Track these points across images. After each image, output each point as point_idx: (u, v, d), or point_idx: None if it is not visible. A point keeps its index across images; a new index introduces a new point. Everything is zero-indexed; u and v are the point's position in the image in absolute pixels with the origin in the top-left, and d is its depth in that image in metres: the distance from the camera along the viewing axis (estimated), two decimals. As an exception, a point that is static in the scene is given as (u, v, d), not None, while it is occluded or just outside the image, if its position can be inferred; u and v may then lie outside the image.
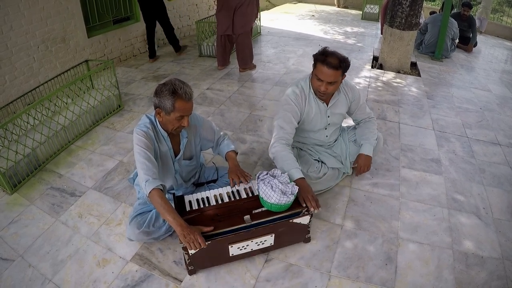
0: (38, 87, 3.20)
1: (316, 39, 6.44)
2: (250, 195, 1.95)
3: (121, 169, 2.69)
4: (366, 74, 4.72)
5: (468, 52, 6.14)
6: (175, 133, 1.91)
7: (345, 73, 2.13)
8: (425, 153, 2.95)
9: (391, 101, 3.93)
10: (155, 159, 1.86)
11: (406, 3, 4.51)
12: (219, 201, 1.92)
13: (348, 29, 7.39)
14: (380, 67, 5.04)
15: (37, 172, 2.67)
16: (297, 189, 1.80)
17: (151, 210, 1.99)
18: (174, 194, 1.98)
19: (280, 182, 1.79)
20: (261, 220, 1.77)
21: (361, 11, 8.60)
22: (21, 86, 3.67)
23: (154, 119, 1.91)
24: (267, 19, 7.82)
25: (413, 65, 5.22)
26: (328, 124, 2.39)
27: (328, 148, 2.52)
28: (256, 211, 1.81)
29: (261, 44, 6.07)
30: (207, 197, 1.95)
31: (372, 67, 5.07)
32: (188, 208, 1.85)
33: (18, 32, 3.56)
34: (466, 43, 6.16)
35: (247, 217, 1.77)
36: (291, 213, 1.82)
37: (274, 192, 1.73)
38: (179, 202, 1.89)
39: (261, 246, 1.86)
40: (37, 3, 3.70)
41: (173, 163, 2.01)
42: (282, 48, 5.80)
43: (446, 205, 2.38)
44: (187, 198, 1.93)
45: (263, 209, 1.82)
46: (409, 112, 3.68)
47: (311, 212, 1.82)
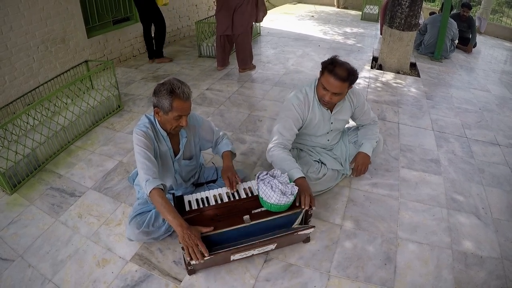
0: (38, 88, 3.21)
1: (316, 40, 6.45)
2: (250, 195, 1.96)
3: (121, 170, 2.70)
4: (366, 75, 4.72)
5: (468, 53, 6.15)
6: (174, 133, 1.91)
7: (352, 85, 2.10)
8: (425, 154, 2.96)
9: (391, 102, 3.93)
10: (155, 159, 1.86)
11: (406, 4, 4.51)
12: (219, 201, 1.92)
13: (348, 30, 7.40)
14: (380, 68, 5.05)
15: (37, 173, 2.68)
16: (297, 189, 1.80)
17: (151, 210, 1.99)
18: (174, 194, 1.98)
19: (280, 182, 1.79)
20: (261, 220, 1.77)
21: (361, 12, 8.61)
22: (21, 87, 3.68)
23: (154, 119, 1.91)
24: (267, 20, 7.80)
25: (413, 66, 5.22)
26: (331, 130, 2.39)
27: (329, 150, 2.53)
28: (256, 211, 1.81)
29: (261, 45, 6.08)
30: (207, 197, 1.95)
31: (372, 68, 5.08)
32: (188, 208, 1.85)
33: (18, 33, 3.56)
34: (466, 44, 6.18)
35: (247, 217, 1.77)
36: (292, 213, 1.82)
37: (274, 192, 1.74)
38: (179, 202, 1.89)
39: (262, 251, 1.87)
40: (37, 4, 3.71)
41: (173, 163, 2.02)
42: (282, 49, 5.81)
43: (445, 205, 2.39)
44: (187, 198, 1.93)
45: (263, 209, 1.82)
46: (409, 113, 3.69)
47: (304, 209, 1.82)
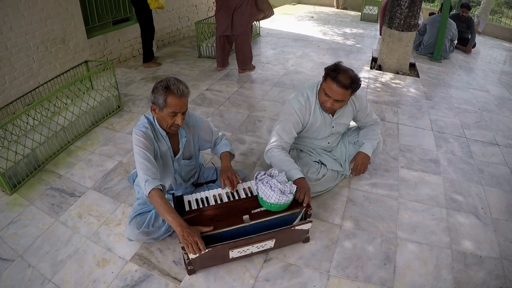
0: (38, 88, 3.21)
1: (315, 40, 6.46)
2: (249, 195, 1.96)
3: (121, 170, 2.70)
4: (365, 75, 4.73)
5: (467, 53, 6.16)
6: (171, 132, 1.90)
7: (355, 92, 2.10)
8: (424, 154, 2.96)
9: (390, 102, 3.94)
10: (155, 159, 1.87)
11: (405, 4, 4.52)
12: (218, 201, 1.92)
13: (347, 30, 7.41)
14: (379, 68, 5.05)
15: (37, 173, 2.68)
16: (295, 188, 1.81)
17: (151, 210, 1.99)
18: (174, 194, 1.99)
19: (279, 182, 1.80)
20: (260, 220, 1.78)
21: (360, 12, 8.63)
22: (21, 87, 3.68)
23: (153, 119, 1.92)
24: (267, 20, 7.80)
25: (412, 66, 5.23)
26: (332, 133, 2.40)
27: (329, 151, 2.53)
28: (255, 211, 1.82)
29: (260, 45, 6.08)
30: (206, 197, 1.96)
31: (371, 68, 5.09)
32: (188, 208, 1.86)
33: (18, 33, 3.57)
34: (465, 44, 6.19)
35: (246, 217, 1.78)
36: (291, 213, 1.83)
37: (273, 192, 1.74)
38: (179, 202, 1.89)
39: (261, 249, 1.86)
40: (37, 4, 3.71)
41: (172, 163, 2.02)
42: (281, 49, 5.82)
43: (445, 205, 2.39)
44: (186, 198, 1.93)
45: (262, 209, 1.83)
46: (408, 113, 3.69)
47: (303, 209, 1.83)
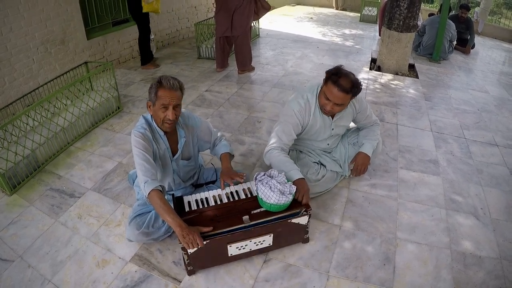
0: (38, 89, 3.21)
1: (315, 41, 6.47)
2: (249, 196, 1.96)
3: (120, 171, 2.70)
4: (364, 76, 4.74)
5: (466, 54, 6.17)
6: (165, 129, 1.90)
7: (355, 96, 2.10)
8: (423, 154, 2.97)
9: (389, 103, 3.94)
10: (155, 160, 1.87)
11: (404, 5, 4.53)
12: (218, 202, 1.93)
13: (347, 31, 7.43)
14: (378, 69, 5.06)
15: (37, 173, 2.68)
16: (295, 189, 1.81)
17: (151, 211, 1.99)
18: (174, 195, 1.99)
19: (278, 182, 1.80)
20: (260, 220, 1.78)
21: (359, 13, 8.64)
22: (21, 88, 3.68)
23: (151, 119, 1.93)
24: (266, 21, 7.83)
25: (411, 67, 5.24)
26: (331, 135, 2.40)
27: (328, 152, 2.54)
28: (255, 212, 1.82)
29: (260, 46, 6.09)
30: (206, 198, 1.96)
31: (370, 69, 5.09)
32: (187, 209, 1.86)
33: (18, 34, 3.57)
34: (464, 45, 6.20)
35: (246, 218, 1.78)
36: (290, 213, 1.83)
37: (273, 193, 1.74)
38: (178, 203, 1.90)
39: (260, 246, 1.86)
40: (37, 5, 3.71)
41: (171, 163, 2.02)
42: (281, 50, 5.82)
43: (444, 206, 2.39)
44: (186, 199, 1.94)
45: (262, 210, 1.83)
46: (407, 114, 3.70)
47: (302, 210, 1.84)
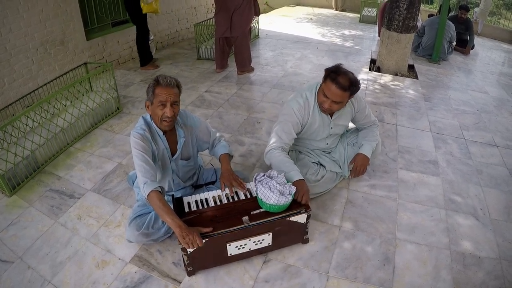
0: (37, 90, 3.20)
1: (314, 42, 6.47)
2: (249, 197, 1.96)
3: (120, 171, 2.70)
4: (364, 77, 4.74)
5: (466, 55, 6.18)
6: (163, 128, 1.90)
7: (353, 95, 2.11)
8: (423, 155, 2.97)
9: (389, 104, 3.95)
10: (154, 161, 1.88)
11: (404, 6, 4.54)
12: (218, 203, 1.93)
13: (346, 32, 7.43)
14: (378, 70, 5.07)
15: (36, 174, 2.68)
16: (295, 189, 1.81)
17: (150, 212, 1.99)
18: (173, 196, 1.99)
19: (278, 183, 1.80)
20: (260, 221, 1.78)
21: (359, 14, 8.65)
22: (20, 89, 3.68)
23: (150, 119, 1.94)
24: (265, 22, 7.85)
25: (411, 68, 5.24)
26: (330, 134, 2.40)
27: (328, 153, 2.54)
28: (255, 212, 1.82)
29: (259, 47, 6.09)
30: (206, 199, 1.96)
31: (370, 70, 5.10)
32: (187, 210, 1.86)
33: (17, 35, 3.57)
34: (464, 46, 6.21)
35: (246, 218, 1.78)
36: (290, 214, 1.83)
37: (273, 193, 1.74)
38: (178, 204, 1.90)
39: (259, 246, 1.86)
40: (36, 6, 3.72)
41: (170, 163, 2.03)
42: (280, 51, 5.83)
43: (444, 206, 2.40)
44: (186, 200, 1.94)
45: (262, 210, 1.83)
46: (407, 114, 3.70)
47: (302, 210, 1.84)
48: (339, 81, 2.00)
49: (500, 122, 3.67)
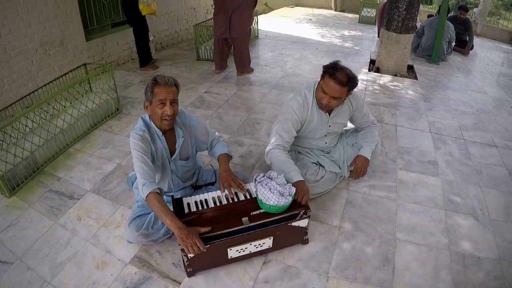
0: (37, 90, 3.20)
1: (314, 43, 6.48)
2: (248, 197, 1.96)
3: (120, 172, 2.70)
4: (363, 77, 4.74)
5: (465, 55, 6.19)
6: (163, 127, 1.90)
7: (351, 91, 2.13)
8: (422, 155, 2.97)
9: (388, 104, 3.95)
10: (153, 161, 1.88)
11: (403, 7, 4.55)
12: (217, 203, 1.93)
13: (345, 33, 7.44)
14: (377, 70, 5.07)
15: (36, 175, 2.67)
16: (294, 190, 1.82)
17: (150, 213, 1.99)
18: (173, 197, 1.99)
19: (278, 184, 1.80)
20: (259, 222, 1.78)
21: (358, 15, 8.66)
22: (20, 89, 3.68)
23: (149, 119, 1.94)
24: (265, 23, 7.86)
25: (410, 68, 5.25)
26: (328, 133, 2.41)
27: (327, 153, 2.54)
28: (254, 213, 1.82)
29: (259, 48, 6.10)
30: (205, 200, 1.96)
31: (369, 70, 5.11)
32: (187, 211, 1.86)
33: (17, 36, 3.57)
34: (463, 46, 6.22)
35: (245, 219, 1.78)
36: (290, 215, 1.83)
37: (273, 194, 1.74)
38: (178, 205, 1.90)
39: (260, 249, 1.87)
40: (36, 7, 3.72)
41: (169, 163, 2.03)
42: (280, 52, 5.83)
43: (443, 207, 2.40)
44: (186, 201, 1.93)
45: (261, 211, 1.83)
46: (406, 115, 3.70)
47: (301, 211, 1.84)
48: (337, 77, 2.02)
49: (499, 123, 3.67)
